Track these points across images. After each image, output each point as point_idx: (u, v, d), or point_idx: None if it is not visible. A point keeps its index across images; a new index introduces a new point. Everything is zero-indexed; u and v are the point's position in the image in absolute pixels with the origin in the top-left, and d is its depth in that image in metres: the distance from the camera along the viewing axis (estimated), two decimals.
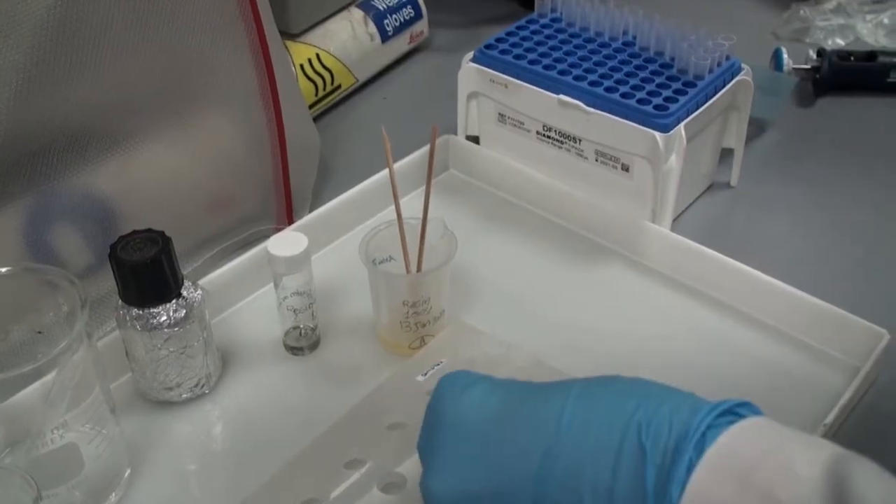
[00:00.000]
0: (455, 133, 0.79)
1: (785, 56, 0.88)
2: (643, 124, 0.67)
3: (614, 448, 0.41)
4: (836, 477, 0.37)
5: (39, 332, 0.56)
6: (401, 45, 0.93)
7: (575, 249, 0.72)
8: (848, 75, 0.88)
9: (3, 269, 0.53)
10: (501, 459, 0.44)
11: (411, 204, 0.69)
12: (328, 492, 0.54)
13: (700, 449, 0.40)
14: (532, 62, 0.73)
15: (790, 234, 0.74)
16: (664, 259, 0.69)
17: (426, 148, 0.75)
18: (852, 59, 0.89)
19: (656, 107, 0.67)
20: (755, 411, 0.43)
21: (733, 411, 0.42)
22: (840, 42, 0.96)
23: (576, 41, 0.75)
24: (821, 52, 0.89)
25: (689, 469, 0.39)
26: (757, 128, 0.82)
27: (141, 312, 0.57)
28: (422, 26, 0.94)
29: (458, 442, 0.46)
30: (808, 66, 0.88)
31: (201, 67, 0.63)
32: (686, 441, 0.40)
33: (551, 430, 0.43)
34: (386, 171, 0.71)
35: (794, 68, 0.88)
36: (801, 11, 0.97)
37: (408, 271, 0.63)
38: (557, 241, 0.73)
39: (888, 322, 0.62)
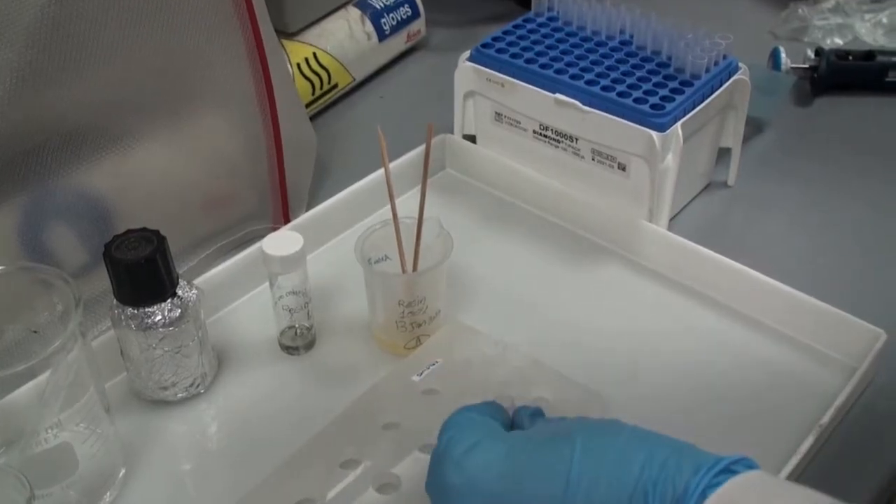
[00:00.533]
0: (451, 132, 0.79)
1: (783, 55, 0.88)
2: (640, 123, 0.67)
3: (624, 491, 0.44)
4: None
5: (34, 332, 0.56)
6: (398, 43, 0.93)
7: (571, 249, 0.72)
8: (846, 75, 0.88)
9: None
10: None
11: (407, 203, 0.69)
12: (324, 492, 0.54)
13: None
14: (528, 61, 0.72)
15: (787, 234, 0.74)
16: (661, 258, 0.69)
17: (421, 147, 0.75)
18: (850, 58, 0.88)
19: (653, 106, 0.67)
20: (750, 465, 0.45)
21: (730, 469, 0.44)
22: (838, 41, 0.96)
23: (572, 40, 0.74)
24: (819, 52, 0.88)
25: None
26: (754, 127, 0.82)
27: (136, 312, 0.56)
28: (419, 25, 0.94)
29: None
30: (806, 66, 0.88)
31: (196, 66, 0.63)
32: (687, 499, 0.43)
33: (560, 487, 0.45)
34: (382, 171, 0.71)
35: (791, 67, 0.88)
36: (800, 10, 0.97)
37: (403, 271, 0.63)
38: (554, 240, 0.73)
39: (885, 322, 0.61)
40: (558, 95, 0.70)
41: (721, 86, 0.71)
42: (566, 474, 0.45)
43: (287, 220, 0.73)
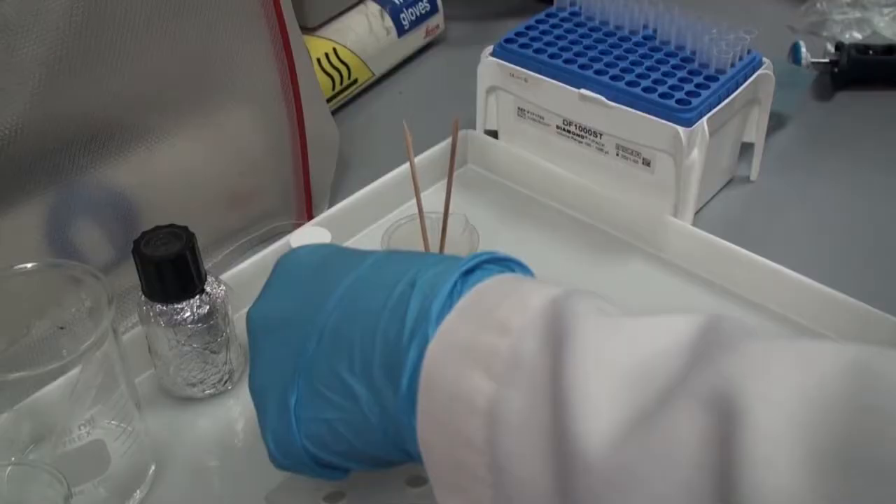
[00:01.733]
0: (471, 127, 0.79)
1: (803, 50, 0.87)
2: (666, 119, 0.66)
3: (393, 283, 0.45)
4: (555, 300, 0.41)
5: (61, 328, 0.56)
6: (416, 39, 0.92)
7: (595, 245, 0.72)
8: (866, 69, 0.88)
9: (29, 265, 0.52)
10: (306, 294, 0.48)
11: (430, 199, 0.68)
12: (352, 485, 0.53)
13: (463, 285, 0.43)
14: (552, 56, 0.72)
15: (812, 229, 0.74)
16: (687, 254, 0.69)
17: (445, 143, 0.75)
18: (871, 52, 0.88)
19: (679, 101, 0.67)
20: (526, 270, 0.47)
21: (505, 265, 0.46)
22: (857, 36, 0.95)
23: (596, 35, 0.74)
24: (839, 46, 0.88)
25: (445, 307, 0.42)
26: (776, 122, 0.82)
27: (165, 308, 0.56)
28: (437, 20, 0.94)
29: (280, 281, 0.50)
30: (826, 60, 0.88)
31: (223, 62, 0.63)
32: (452, 275, 0.43)
33: (351, 273, 0.47)
34: (405, 166, 0.71)
35: (812, 62, 0.88)
36: (818, 5, 0.97)
37: None
38: (577, 236, 0.73)
39: None
40: (583, 90, 0.70)
41: (746, 81, 0.71)
42: (358, 266, 0.47)
43: (310, 216, 0.73)
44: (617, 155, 0.71)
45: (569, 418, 0.37)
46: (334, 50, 0.84)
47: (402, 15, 0.90)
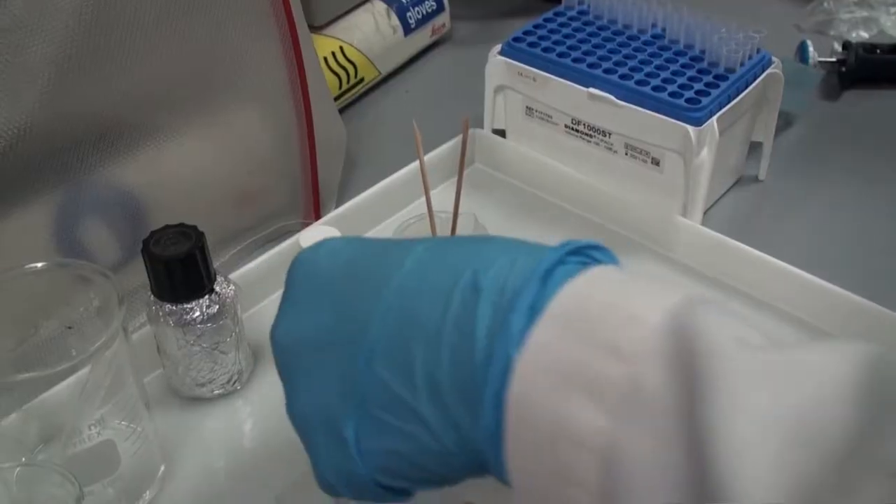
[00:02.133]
0: (479, 126, 0.79)
1: (810, 49, 0.87)
2: (675, 118, 0.66)
3: (449, 287, 0.38)
4: (678, 319, 0.34)
5: (69, 327, 0.55)
6: (423, 38, 0.92)
7: (604, 244, 0.71)
8: (874, 68, 0.88)
9: (37, 265, 0.52)
10: (341, 307, 0.41)
11: (438, 198, 0.68)
12: None
13: (544, 288, 0.36)
14: (561, 55, 0.72)
15: (820, 228, 0.73)
16: (696, 254, 0.69)
17: (452, 142, 0.75)
18: (878, 51, 0.88)
19: (688, 100, 0.67)
20: (610, 257, 0.40)
21: (585, 253, 0.39)
22: (864, 35, 0.95)
23: (604, 34, 0.74)
24: (846, 45, 0.88)
25: (533, 309, 0.36)
26: (784, 121, 0.82)
27: (174, 308, 0.56)
28: (443, 19, 0.94)
29: (305, 293, 0.43)
30: (833, 59, 0.88)
31: (232, 61, 0.63)
32: (531, 277, 0.36)
33: (393, 276, 0.40)
34: (412, 165, 0.71)
35: (819, 61, 0.88)
36: (825, 4, 0.97)
37: None
38: (586, 235, 0.70)
39: None
40: (592, 90, 0.69)
41: (755, 80, 0.70)
42: (399, 265, 0.40)
43: (318, 215, 0.73)
44: (626, 154, 0.71)
45: (715, 475, 0.30)
46: (341, 48, 0.84)
47: (408, 14, 0.90)
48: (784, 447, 0.30)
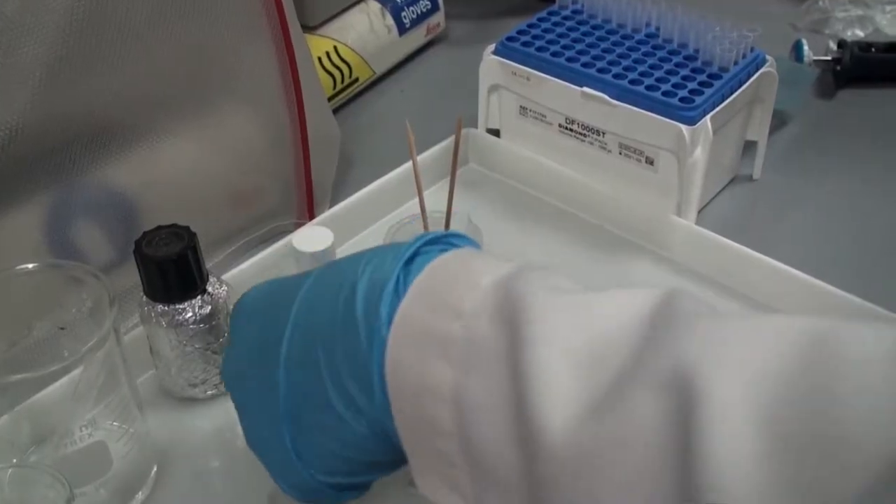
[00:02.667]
0: (473, 126, 0.79)
1: (805, 47, 0.87)
2: (669, 117, 0.66)
3: (335, 294, 0.44)
4: (504, 280, 0.40)
5: (62, 328, 0.55)
6: (417, 37, 0.92)
7: (598, 244, 0.72)
8: (869, 67, 0.87)
9: (29, 266, 0.52)
10: (261, 334, 0.47)
11: (431, 198, 0.67)
12: None
13: (407, 275, 0.42)
14: (555, 54, 0.72)
15: (815, 227, 0.73)
16: (690, 253, 0.69)
17: (446, 142, 0.75)
18: (873, 50, 0.88)
19: (682, 99, 0.67)
20: (469, 242, 0.46)
21: (445, 241, 0.45)
22: (859, 33, 0.95)
23: (598, 33, 0.74)
24: (842, 44, 0.88)
25: (397, 293, 0.42)
26: (778, 120, 0.82)
27: (167, 308, 0.56)
28: (438, 18, 0.94)
29: (238, 330, 0.49)
30: (828, 58, 0.88)
31: (224, 61, 0.63)
32: (394, 268, 0.42)
33: (296, 297, 0.46)
34: (406, 165, 0.71)
35: (814, 60, 0.87)
36: (820, 2, 0.97)
37: None
38: (580, 235, 0.72)
39: None
40: (585, 89, 0.69)
41: (749, 79, 0.70)
42: (295, 300, 0.46)
43: (312, 216, 0.72)
44: (620, 153, 0.71)
45: (528, 402, 0.37)
46: (335, 48, 0.84)
47: (402, 13, 0.89)
48: (581, 366, 0.37)
